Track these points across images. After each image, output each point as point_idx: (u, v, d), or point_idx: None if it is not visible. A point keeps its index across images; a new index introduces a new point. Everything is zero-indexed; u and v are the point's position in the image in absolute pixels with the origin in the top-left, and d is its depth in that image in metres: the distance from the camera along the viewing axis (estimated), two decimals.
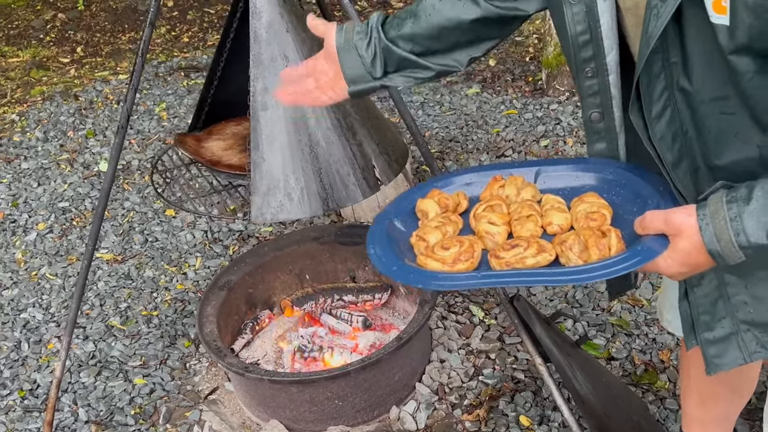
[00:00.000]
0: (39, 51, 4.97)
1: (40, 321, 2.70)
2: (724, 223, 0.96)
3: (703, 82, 1.03)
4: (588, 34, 1.12)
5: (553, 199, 1.21)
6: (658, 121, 1.09)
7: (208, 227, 3.06)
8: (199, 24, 5.11)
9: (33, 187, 3.50)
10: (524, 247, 1.09)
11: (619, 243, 1.06)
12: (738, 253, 0.97)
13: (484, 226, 1.17)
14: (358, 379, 2.03)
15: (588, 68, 1.15)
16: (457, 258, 1.11)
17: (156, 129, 3.85)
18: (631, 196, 1.16)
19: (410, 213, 1.28)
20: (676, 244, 1.01)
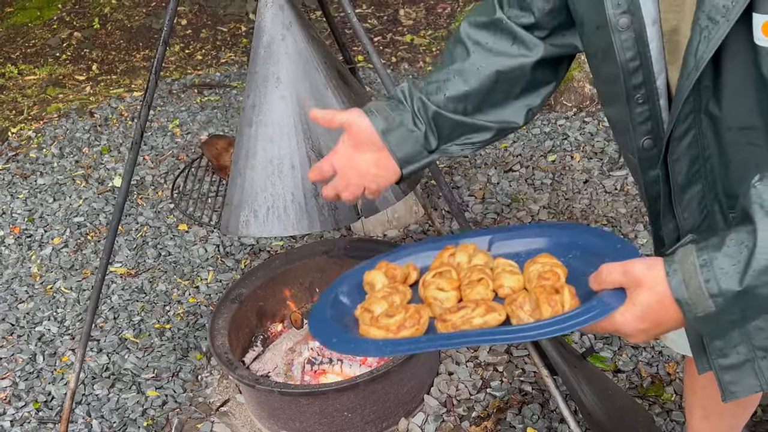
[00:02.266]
0: (55, 69, 5.06)
1: (54, 334, 2.75)
2: (693, 268, 0.90)
3: (733, 109, 1.00)
4: (638, 60, 1.08)
5: (505, 262, 1.17)
6: (679, 142, 1.07)
7: (220, 241, 3.11)
8: (212, 42, 5.19)
9: (49, 203, 3.56)
10: (472, 308, 1.05)
11: (573, 299, 1.01)
12: (708, 302, 0.90)
13: (432, 293, 1.13)
14: (367, 391, 2.05)
15: (639, 95, 1.11)
16: (402, 325, 1.06)
17: (169, 145, 3.91)
18: (587, 256, 1.11)
19: (357, 287, 1.23)
20: (635, 297, 0.94)
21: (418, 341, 1.04)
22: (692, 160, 1.08)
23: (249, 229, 1.77)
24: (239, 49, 5.02)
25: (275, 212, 1.75)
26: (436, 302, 1.11)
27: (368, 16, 5.15)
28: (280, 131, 1.75)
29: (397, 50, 4.65)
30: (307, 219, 1.75)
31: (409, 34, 4.81)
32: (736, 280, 0.88)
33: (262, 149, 1.76)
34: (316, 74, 1.77)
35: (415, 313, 1.08)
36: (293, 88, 1.76)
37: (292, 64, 1.76)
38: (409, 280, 1.22)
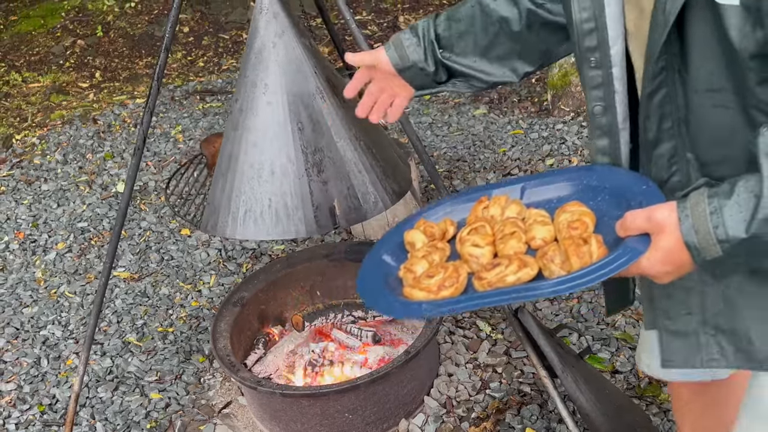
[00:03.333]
0: (59, 76, 5.10)
1: (59, 338, 2.78)
2: (703, 215, 0.94)
3: (700, 70, 0.99)
4: (593, 22, 1.09)
5: (536, 213, 1.20)
6: (650, 99, 1.06)
7: (222, 246, 3.14)
8: (213, 49, 5.23)
9: (53, 208, 3.60)
10: (505, 264, 1.08)
11: (601, 248, 1.04)
12: (716, 247, 0.93)
13: (468, 249, 1.16)
14: (367, 393, 2.07)
15: (592, 58, 1.11)
16: (442, 285, 1.10)
17: (172, 151, 3.94)
18: (615, 200, 1.13)
19: (400, 246, 1.27)
20: (658, 242, 0.97)
21: (458, 301, 1.08)
22: (663, 117, 1.07)
23: (226, 230, 1.80)
24: (241, 55, 5.06)
25: (252, 216, 1.78)
26: (473, 258, 1.14)
27: (368, 22, 5.19)
28: (263, 136, 1.78)
29: None
30: (283, 225, 1.77)
31: None
32: (742, 228, 0.91)
33: (244, 153, 1.79)
34: (306, 82, 1.80)
35: (454, 272, 1.11)
36: (281, 95, 1.78)
37: (282, 71, 1.79)
38: (447, 235, 1.25)
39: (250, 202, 1.78)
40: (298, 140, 1.78)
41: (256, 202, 1.78)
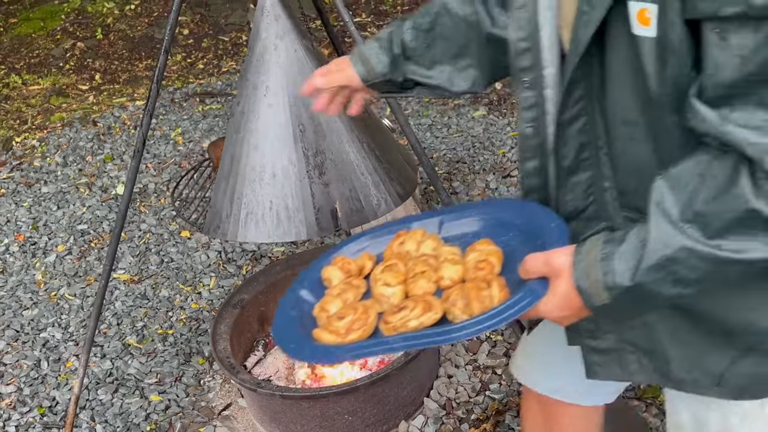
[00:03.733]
0: (59, 79, 5.11)
1: (59, 340, 2.78)
2: (595, 260, 0.93)
3: (617, 101, 0.98)
4: (528, 42, 1.07)
5: (448, 251, 1.20)
6: (568, 126, 1.05)
7: (221, 248, 3.14)
8: (213, 51, 5.24)
9: (53, 211, 3.60)
10: (411, 308, 1.08)
11: (502, 291, 1.05)
12: (604, 294, 0.93)
13: (379, 289, 1.16)
14: (367, 395, 2.08)
15: (526, 78, 1.09)
16: (350, 328, 1.10)
17: (172, 153, 3.95)
18: (525, 237, 1.14)
19: (318, 282, 1.27)
20: (555, 287, 0.97)
21: (364, 346, 1.08)
22: (581, 147, 1.06)
23: (227, 232, 1.80)
24: (240, 58, 5.06)
25: (253, 218, 1.78)
26: (383, 298, 1.15)
27: (368, 24, 5.20)
28: (264, 139, 1.79)
29: None
30: (284, 227, 1.78)
31: None
32: (628, 276, 0.90)
33: (245, 155, 1.80)
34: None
35: (363, 313, 1.12)
36: (282, 97, 1.79)
37: (283, 73, 1.79)
38: (364, 271, 1.25)
39: (252, 204, 1.79)
40: (300, 142, 1.78)
41: (257, 205, 1.78)
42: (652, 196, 0.90)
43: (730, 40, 0.79)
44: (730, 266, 0.86)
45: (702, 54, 0.84)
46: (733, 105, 0.81)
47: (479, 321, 0.99)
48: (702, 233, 0.85)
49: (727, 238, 0.84)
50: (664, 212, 0.88)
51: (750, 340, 1.03)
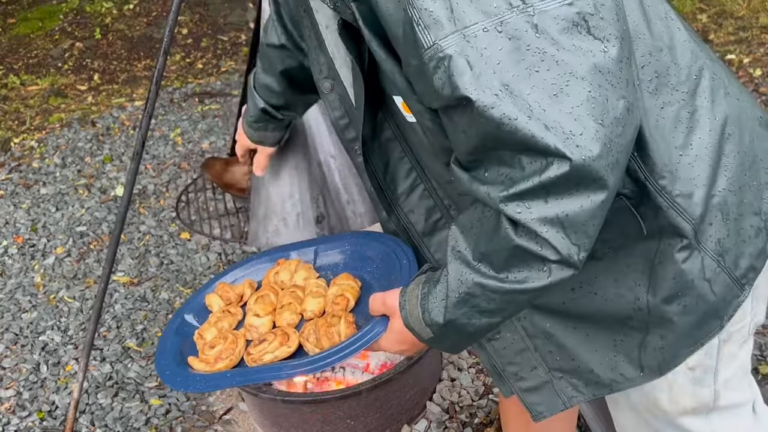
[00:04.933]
0: (57, 79, 5.09)
1: (58, 343, 2.76)
2: (415, 300, 1.03)
3: (432, 168, 1.11)
4: (347, 118, 1.18)
5: (314, 283, 1.30)
6: (408, 196, 1.17)
7: (222, 249, 3.12)
8: (212, 51, 5.21)
9: (51, 212, 3.58)
10: (269, 341, 1.18)
11: (349, 328, 1.15)
12: (426, 329, 1.03)
13: (249, 319, 1.26)
14: (369, 399, 2.06)
15: (356, 146, 1.18)
16: (219, 357, 1.18)
17: (171, 154, 3.93)
18: (383, 271, 1.25)
19: (203, 307, 1.36)
20: (392, 324, 1.09)
21: (224, 377, 1.17)
22: (429, 211, 1.17)
23: (280, 237, 1.81)
24: (239, 57, 5.04)
25: (305, 217, 1.77)
26: (252, 328, 1.25)
27: None
28: (295, 137, 1.78)
29: None
30: (340, 219, 1.82)
31: None
32: (441, 314, 1.00)
33: (285, 158, 1.78)
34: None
35: (232, 343, 1.21)
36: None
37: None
38: (244, 298, 1.34)
39: (301, 204, 1.81)
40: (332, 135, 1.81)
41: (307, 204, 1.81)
42: (449, 241, 1.00)
43: (452, 120, 0.91)
44: (518, 295, 0.95)
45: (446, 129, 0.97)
46: (481, 166, 0.92)
47: (326, 356, 1.10)
48: (491, 268, 0.95)
49: (511, 270, 0.93)
50: (458, 255, 0.98)
51: (642, 317, 1.10)
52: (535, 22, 0.83)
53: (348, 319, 1.17)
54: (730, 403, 1.19)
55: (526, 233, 0.89)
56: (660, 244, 1.03)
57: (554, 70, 0.83)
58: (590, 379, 1.17)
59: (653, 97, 0.99)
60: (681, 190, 1.00)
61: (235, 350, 1.20)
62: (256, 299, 1.30)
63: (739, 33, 4.17)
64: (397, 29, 0.89)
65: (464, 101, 0.85)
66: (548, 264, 0.91)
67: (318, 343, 1.16)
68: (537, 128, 0.83)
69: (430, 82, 0.87)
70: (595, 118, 0.83)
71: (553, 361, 1.18)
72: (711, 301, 1.07)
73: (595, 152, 0.83)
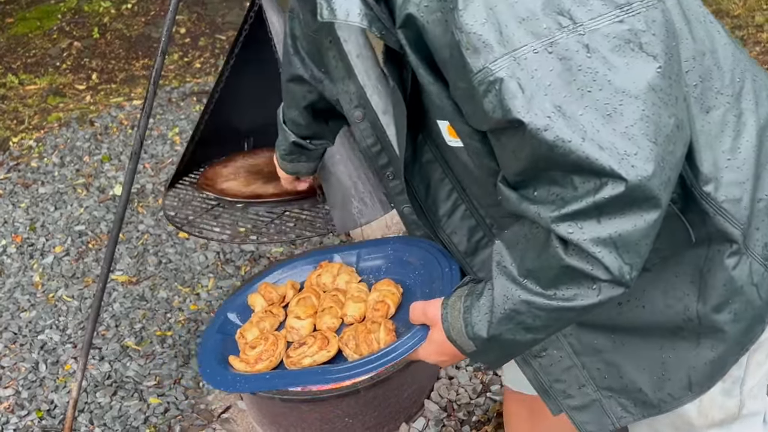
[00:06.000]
0: (55, 78, 5.08)
1: (57, 342, 2.76)
2: (458, 313, 1.02)
3: (476, 190, 1.11)
4: (379, 145, 1.18)
5: (355, 287, 1.30)
6: (449, 217, 1.17)
7: (220, 248, 3.12)
8: (210, 50, 5.21)
9: (50, 211, 3.58)
10: (309, 344, 1.18)
11: (388, 336, 1.14)
12: (469, 343, 1.02)
13: (290, 322, 1.26)
14: (367, 397, 2.06)
15: (388, 172, 1.19)
16: (259, 357, 1.19)
17: (169, 153, 3.93)
18: (425, 278, 1.24)
19: (246, 305, 1.37)
20: (432, 335, 1.07)
21: (261, 379, 1.17)
22: (471, 230, 1.17)
23: (364, 216, 1.82)
24: None
25: (376, 193, 1.81)
26: (293, 330, 1.25)
27: None
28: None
29: None
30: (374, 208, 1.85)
31: None
32: (484, 329, 0.99)
33: (340, 143, 1.79)
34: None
35: (272, 344, 1.21)
36: None
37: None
38: (286, 299, 1.35)
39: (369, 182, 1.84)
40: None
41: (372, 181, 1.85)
42: (494, 256, 1.00)
43: (502, 141, 0.92)
44: (566, 312, 0.94)
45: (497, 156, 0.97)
46: (530, 185, 0.92)
47: (360, 364, 1.10)
48: (538, 284, 0.94)
49: (559, 287, 0.93)
50: (504, 270, 0.97)
51: (693, 328, 1.08)
52: (585, 41, 0.82)
53: (388, 326, 1.16)
54: (750, 411, 1.19)
55: (577, 253, 0.89)
56: (709, 251, 1.02)
57: (607, 90, 0.82)
58: (639, 399, 1.15)
59: (698, 102, 0.98)
60: (727, 195, 0.99)
61: (275, 352, 1.20)
62: (298, 301, 1.31)
63: (735, 32, 4.18)
64: (444, 53, 0.89)
65: (516, 124, 0.85)
66: (599, 283, 0.90)
67: (357, 349, 1.15)
68: (591, 149, 0.83)
69: (479, 105, 0.87)
70: (648, 137, 0.83)
71: (602, 379, 1.16)
72: (758, 306, 1.06)
73: (649, 171, 0.83)
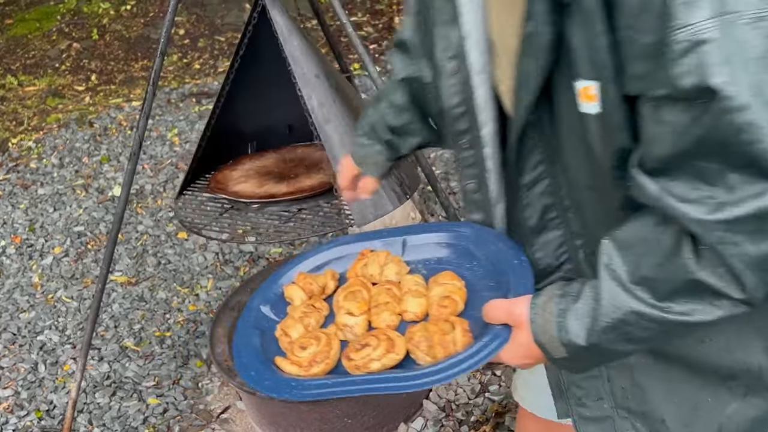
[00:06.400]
0: (55, 80, 5.09)
1: (56, 343, 2.77)
2: (550, 316, 0.93)
3: (575, 168, 0.99)
4: (463, 107, 1.08)
5: (412, 280, 1.18)
6: (529, 189, 1.07)
7: (219, 249, 3.13)
8: (209, 51, 5.22)
9: (49, 212, 3.58)
10: (373, 346, 1.06)
11: (465, 337, 1.03)
12: (561, 349, 0.93)
13: (342, 319, 1.14)
14: (366, 397, 2.07)
15: (464, 140, 1.10)
16: (313, 360, 1.07)
17: (168, 154, 3.93)
18: (489, 269, 1.14)
19: (280, 297, 1.24)
20: (517, 336, 0.97)
21: (325, 386, 1.04)
22: (546, 208, 1.07)
23: (380, 209, 1.83)
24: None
25: (386, 187, 1.83)
26: (347, 328, 1.14)
27: (363, 24, 5.19)
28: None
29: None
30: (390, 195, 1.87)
31: None
32: (583, 336, 0.90)
33: (349, 137, 1.82)
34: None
35: (326, 345, 1.09)
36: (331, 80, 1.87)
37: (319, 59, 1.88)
38: (327, 291, 1.24)
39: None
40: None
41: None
42: (601, 257, 0.91)
43: (663, 116, 0.80)
44: (678, 327, 0.86)
45: (640, 126, 0.84)
46: (673, 176, 0.81)
47: (441, 369, 0.99)
48: (651, 295, 0.86)
49: (675, 301, 0.84)
50: (613, 274, 0.89)
51: (746, 383, 1.02)
52: None
53: (464, 326, 1.05)
54: None
55: (712, 266, 0.80)
56: None
57: None
58: (656, 428, 1.09)
59: None
60: None
61: (330, 353, 1.08)
62: (346, 295, 1.18)
63: None
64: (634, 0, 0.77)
65: (707, 96, 0.74)
66: (725, 300, 0.82)
67: (430, 351, 1.04)
68: None
69: (665, 67, 0.76)
70: None
71: (623, 398, 1.10)
72: None
73: None
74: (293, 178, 2.10)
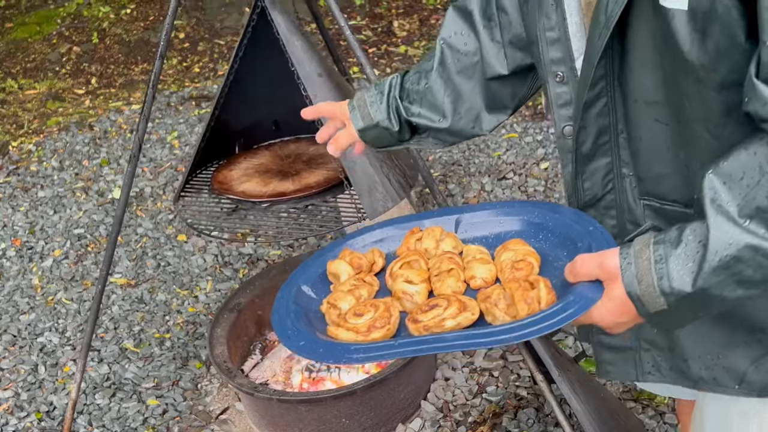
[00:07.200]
0: (55, 83, 5.11)
1: (56, 345, 2.78)
2: (647, 263, 0.85)
3: (639, 80, 0.91)
4: (556, 32, 1.00)
5: (475, 249, 1.11)
6: (587, 110, 0.98)
7: (218, 251, 3.14)
8: (209, 55, 5.24)
9: (49, 215, 3.60)
10: (444, 306, 0.97)
11: (549, 294, 0.94)
12: (660, 300, 0.85)
13: (401, 286, 1.05)
14: (364, 398, 2.08)
15: (558, 71, 1.02)
16: (372, 325, 0.98)
17: (168, 157, 3.95)
18: (559, 239, 1.05)
19: (321, 277, 1.15)
20: (612, 291, 0.88)
21: (391, 346, 0.95)
22: (600, 131, 1.00)
23: (390, 201, 1.84)
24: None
25: (392, 181, 1.85)
26: (406, 296, 1.05)
27: (362, 27, 5.20)
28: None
29: (391, 61, 4.70)
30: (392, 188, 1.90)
31: (404, 45, 4.86)
32: (689, 282, 0.83)
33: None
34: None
35: (386, 311, 1.01)
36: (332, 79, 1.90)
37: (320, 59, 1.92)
38: (375, 267, 1.16)
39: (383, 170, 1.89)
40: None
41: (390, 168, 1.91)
42: (705, 192, 0.83)
43: None
44: None
45: (759, 22, 0.74)
46: None
47: (531, 323, 0.89)
48: (767, 229, 0.79)
49: None
50: (721, 209, 0.81)
51: None
52: None
53: (546, 283, 0.95)
54: None
55: None
56: None
57: None
58: (678, 366, 1.06)
59: None
60: None
61: (390, 319, 0.99)
62: (402, 265, 1.09)
63: None
64: None
65: None
66: None
67: (510, 310, 0.95)
68: None
69: None
70: None
71: (649, 331, 1.05)
72: None
73: None
74: (295, 175, 2.12)
